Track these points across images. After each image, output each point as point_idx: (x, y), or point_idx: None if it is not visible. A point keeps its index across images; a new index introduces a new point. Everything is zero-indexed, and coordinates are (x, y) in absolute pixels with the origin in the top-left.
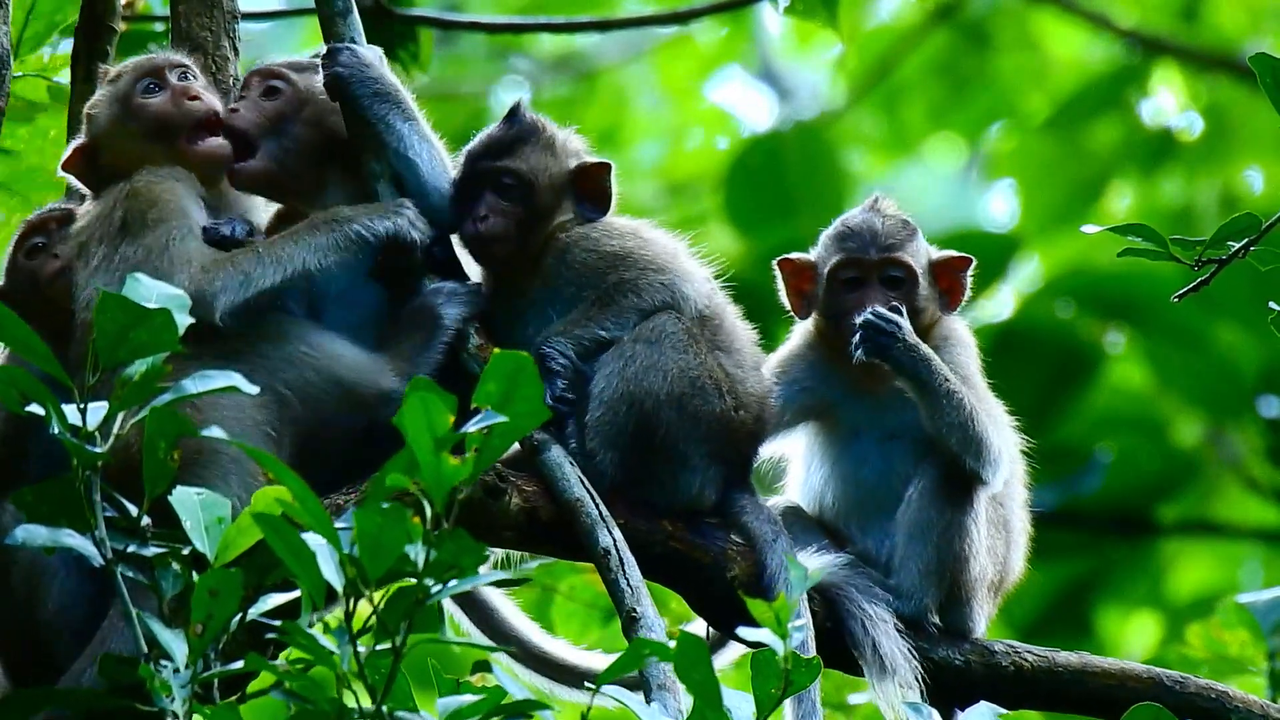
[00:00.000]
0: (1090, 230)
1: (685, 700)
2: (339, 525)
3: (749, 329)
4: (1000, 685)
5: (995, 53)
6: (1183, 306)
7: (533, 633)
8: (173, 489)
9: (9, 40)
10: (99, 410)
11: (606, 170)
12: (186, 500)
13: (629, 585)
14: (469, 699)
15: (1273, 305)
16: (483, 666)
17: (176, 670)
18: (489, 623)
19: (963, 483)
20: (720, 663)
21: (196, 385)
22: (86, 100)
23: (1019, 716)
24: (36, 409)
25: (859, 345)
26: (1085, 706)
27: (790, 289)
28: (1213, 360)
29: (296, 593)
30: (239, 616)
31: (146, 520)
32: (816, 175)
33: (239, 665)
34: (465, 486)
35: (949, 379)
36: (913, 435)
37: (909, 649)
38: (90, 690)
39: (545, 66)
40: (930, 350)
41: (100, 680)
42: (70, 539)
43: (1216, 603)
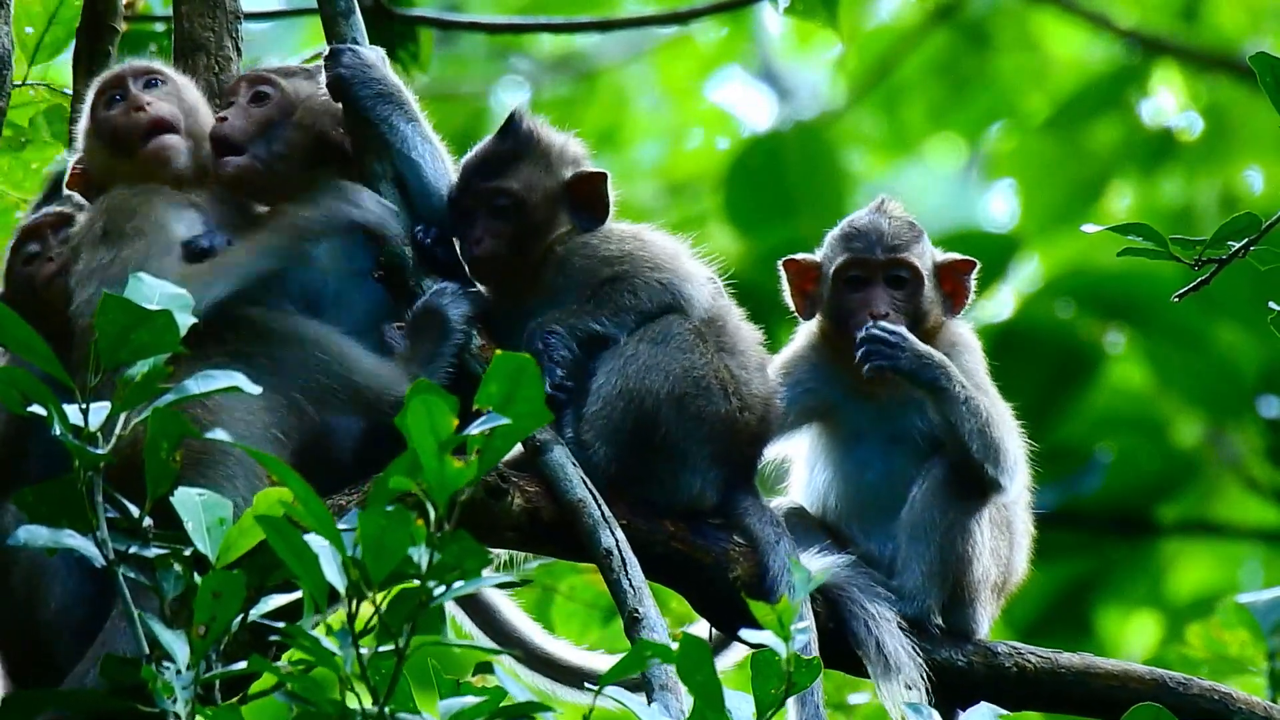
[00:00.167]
0: (1090, 230)
1: (687, 701)
2: (341, 527)
3: (753, 330)
4: (1003, 686)
5: (995, 53)
6: (1183, 306)
7: (535, 634)
8: (175, 490)
9: (10, 40)
10: (101, 411)
11: (602, 179)
12: (188, 501)
13: (631, 586)
14: (470, 700)
15: (1273, 305)
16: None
17: (178, 671)
18: (491, 624)
19: (966, 484)
20: (723, 664)
21: (199, 386)
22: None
23: (1021, 717)
24: (38, 409)
25: (865, 360)
26: (1088, 708)
27: (794, 289)
28: (1213, 360)
29: (298, 594)
30: (241, 618)
31: (148, 521)
32: (816, 175)
33: (241, 666)
34: (468, 488)
35: (964, 385)
36: (916, 437)
37: (913, 647)
38: (93, 691)
39: (545, 66)
40: (943, 357)
41: (102, 682)
42: (72, 540)
43: (1216, 603)
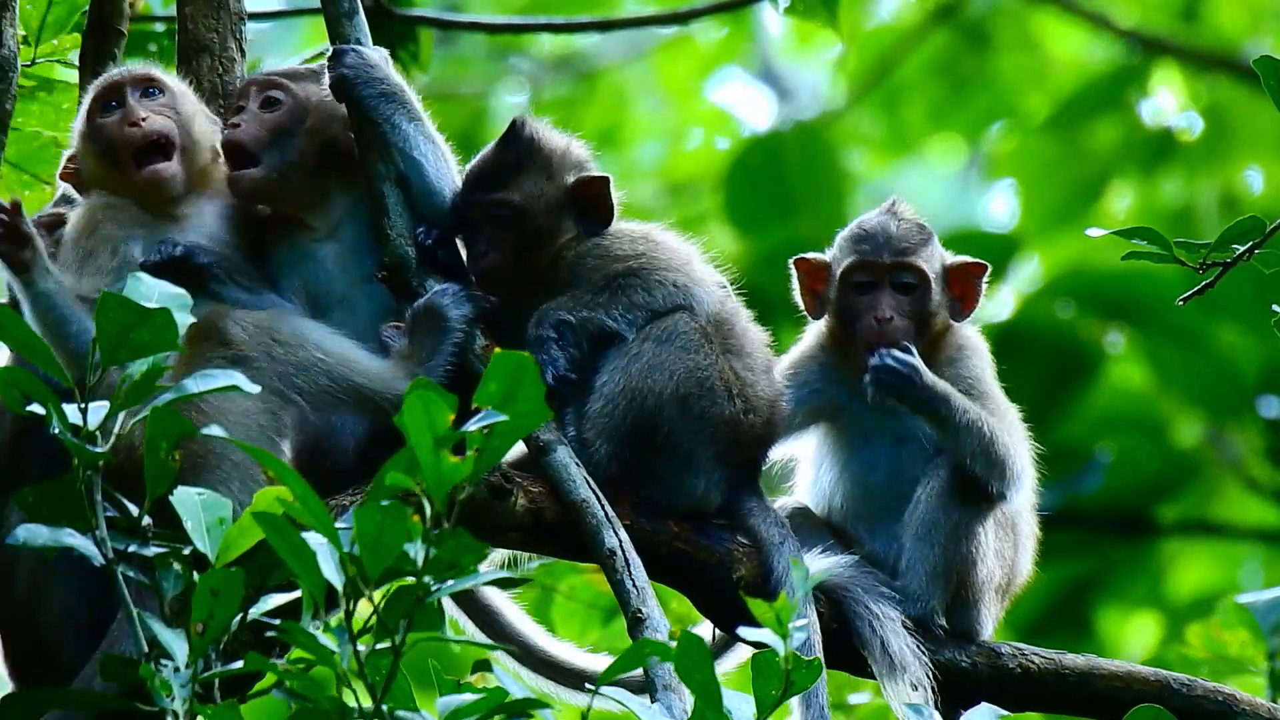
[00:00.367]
0: (1094, 233)
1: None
2: (339, 525)
3: (761, 332)
4: (1007, 687)
5: (995, 53)
6: (1183, 307)
7: (537, 636)
8: (174, 490)
9: (15, 43)
10: (100, 410)
11: (605, 183)
12: (188, 500)
13: (634, 586)
14: (469, 698)
15: (1276, 308)
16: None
17: (177, 670)
18: (492, 626)
19: (971, 486)
20: (727, 666)
21: (197, 385)
22: None
23: (1025, 718)
24: (38, 409)
25: (872, 385)
26: (1091, 709)
27: (804, 288)
28: (1213, 360)
29: (298, 593)
30: (240, 616)
31: (147, 520)
32: (816, 175)
33: (240, 665)
34: (467, 485)
35: (967, 410)
36: (922, 439)
37: (918, 646)
38: (94, 691)
39: (545, 66)
40: (946, 386)
41: (109, 683)
42: (71, 539)
43: (1216, 603)
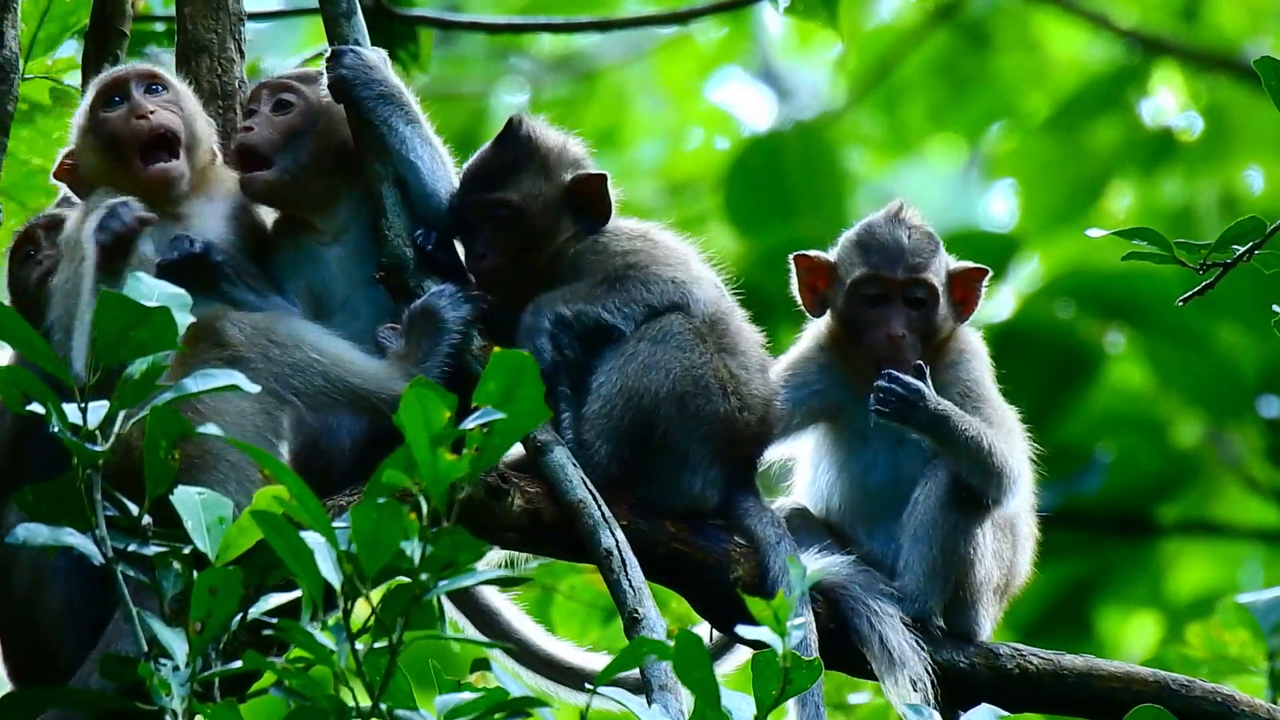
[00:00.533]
0: (1095, 234)
1: (688, 702)
2: (337, 524)
3: (756, 332)
4: (1005, 688)
5: (995, 53)
6: (1183, 307)
7: (536, 635)
8: (173, 489)
9: (18, 45)
10: (100, 409)
11: (602, 181)
12: (188, 500)
13: (631, 587)
14: (468, 697)
15: (1276, 309)
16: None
17: (176, 668)
18: (492, 627)
19: (969, 488)
20: (727, 668)
21: (197, 384)
22: None
23: (1024, 719)
24: (38, 408)
25: (878, 406)
26: (1090, 709)
27: (803, 285)
28: (1213, 360)
29: (297, 592)
30: (239, 615)
31: (147, 519)
32: (816, 175)
33: (239, 664)
34: (465, 484)
35: (967, 427)
36: (921, 441)
37: (917, 641)
38: (96, 690)
39: (545, 66)
40: (948, 406)
41: (107, 682)
42: (71, 538)
43: (1216, 603)
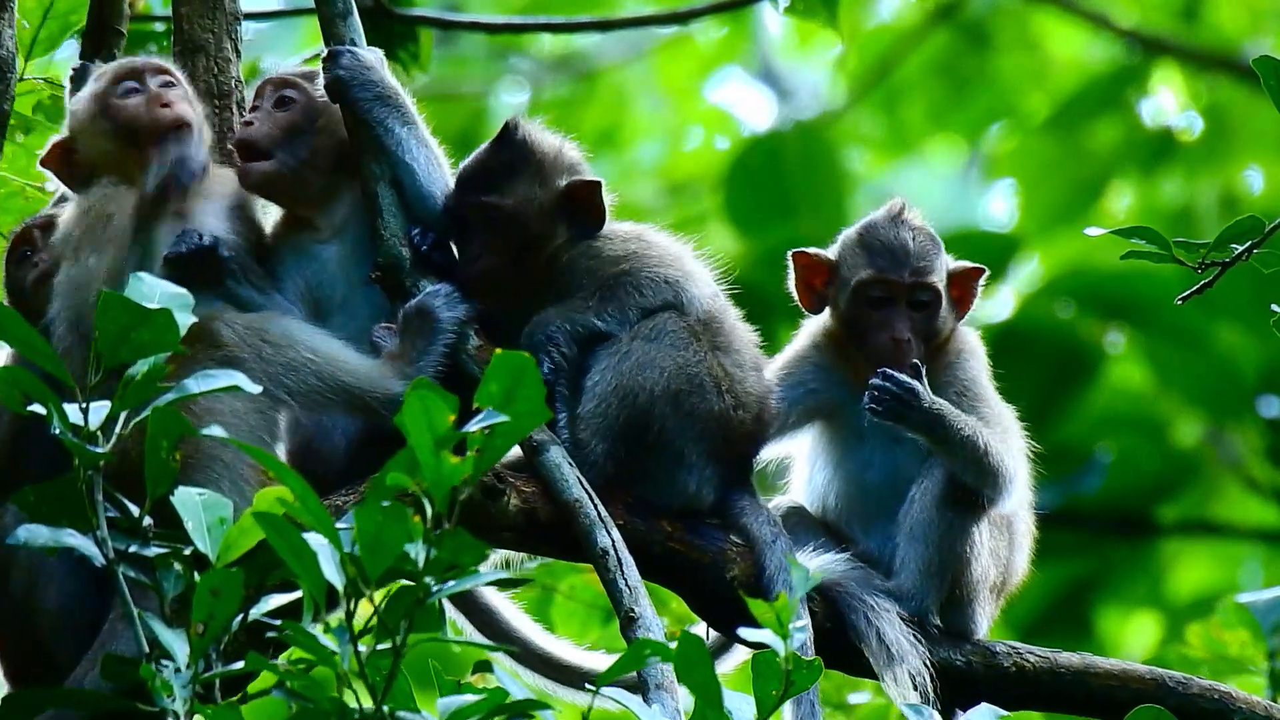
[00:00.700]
0: (1094, 233)
1: (684, 700)
2: (340, 525)
3: (750, 330)
4: (1002, 686)
5: (995, 53)
6: (1183, 307)
7: (535, 634)
8: (173, 490)
9: (13, 44)
10: (101, 410)
11: (596, 188)
12: (188, 501)
13: (627, 586)
14: (470, 699)
15: (1275, 308)
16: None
17: (178, 670)
18: (491, 626)
19: (966, 486)
20: (724, 667)
21: (198, 385)
22: None
23: (1021, 717)
24: (39, 409)
25: (872, 405)
26: (1087, 707)
27: (801, 282)
28: (1213, 360)
29: (298, 593)
30: (241, 617)
31: (148, 520)
32: (816, 175)
33: (240, 665)
34: (467, 486)
35: (963, 426)
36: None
37: (914, 636)
38: (93, 691)
39: (545, 66)
40: (943, 405)
41: (104, 681)
42: (72, 539)
43: (1216, 603)
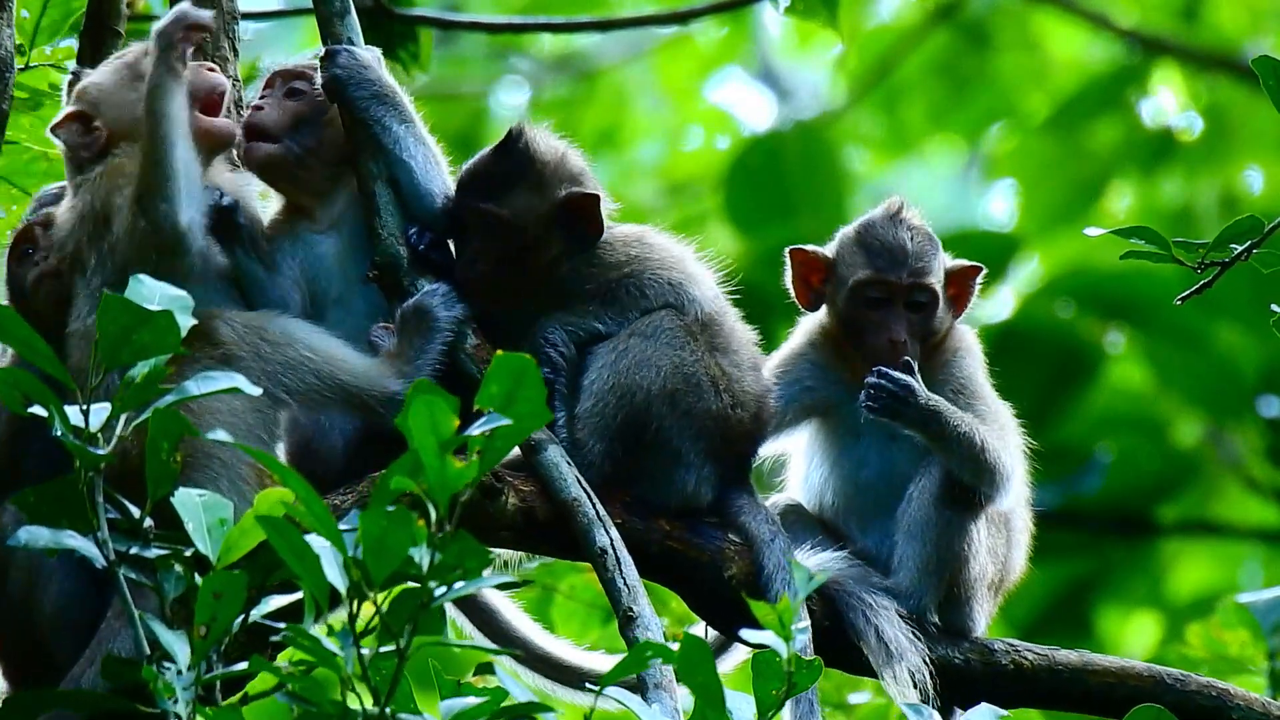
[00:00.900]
0: (1093, 233)
1: (684, 699)
2: (341, 527)
3: (749, 331)
4: (1000, 684)
5: (995, 53)
6: (1183, 307)
7: (535, 634)
8: (173, 491)
9: (12, 43)
10: (101, 411)
11: (595, 201)
12: (189, 502)
13: (626, 585)
14: (471, 701)
15: (1275, 308)
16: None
17: (179, 672)
18: (491, 626)
19: (963, 484)
20: (723, 667)
21: (199, 386)
22: None
23: (1019, 715)
24: (39, 410)
25: (868, 403)
26: (1085, 705)
27: (798, 279)
28: (1213, 360)
29: (297, 594)
30: (242, 618)
31: (149, 522)
32: (816, 175)
33: (242, 667)
34: (468, 489)
35: (959, 423)
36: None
37: (913, 633)
38: (94, 691)
39: (545, 66)
40: (939, 401)
41: (102, 682)
42: (72, 540)
43: (1216, 603)
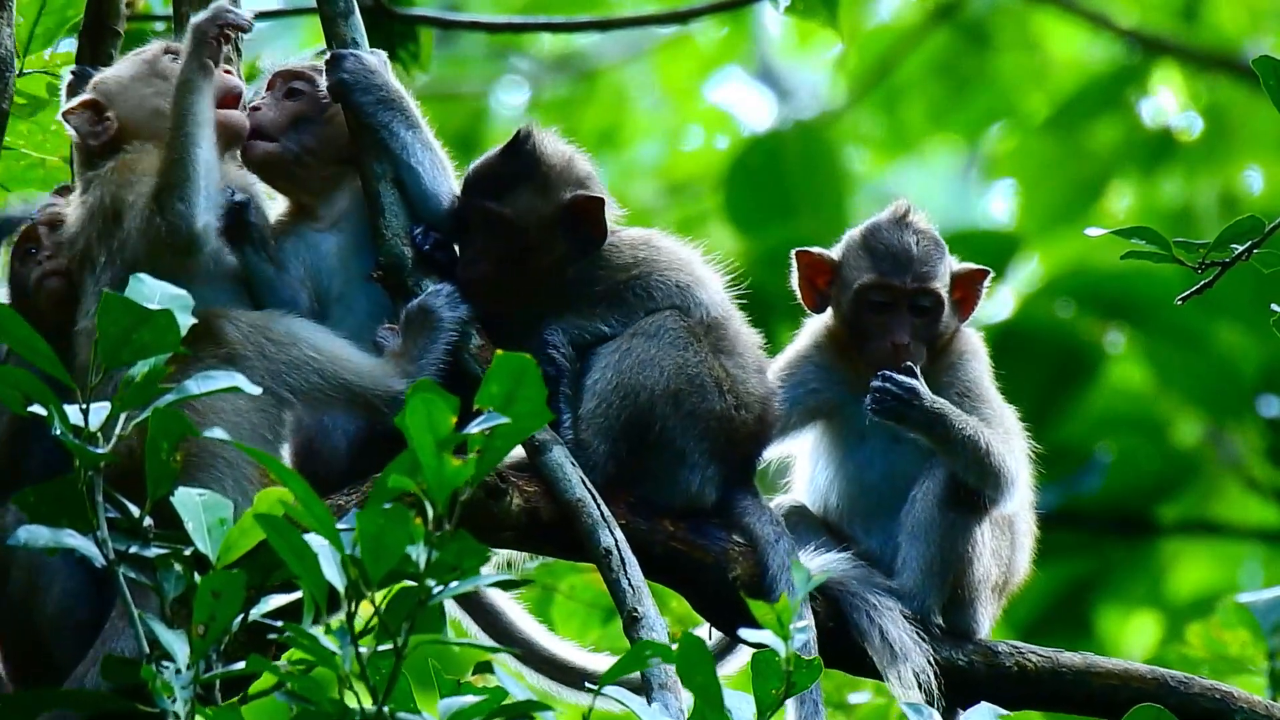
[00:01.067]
0: (1093, 233)
1: (687, 700)
2: (341, 527)
3: (754, 333)
4: (1003, 685)
5: (995, 53)
6: (1183, 307)
7: (540, 636)
8: (174, 490)
9: (13, 43)
10: (101, 411)
11: (599, 205)
12: (188, 501)
13: (630, 585)
14: (470, 700)
15: (1275, 308)
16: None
17: (178, 671)
18: (494, 626)
19: (968, 486)
20: (728, 669)
21: (199, 386)
22: None
23: (1022, 717)
24: (39, 410)
25: (873, 405)
26: (1088, 707)
27: (803, 280)
28: (1213, 360)
29: (296, 594)
30: (241, 617)
31: (148, 521)
32: (816, 175)
33: (241, 666)
34: (468, 488)
35: (964, 426)
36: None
37: (917, 634)
38: (94, 691)
39: (545, 66)
40: (944, 404)
41: (104, 682)
42: (72, 539)
43: (1216, 603)
